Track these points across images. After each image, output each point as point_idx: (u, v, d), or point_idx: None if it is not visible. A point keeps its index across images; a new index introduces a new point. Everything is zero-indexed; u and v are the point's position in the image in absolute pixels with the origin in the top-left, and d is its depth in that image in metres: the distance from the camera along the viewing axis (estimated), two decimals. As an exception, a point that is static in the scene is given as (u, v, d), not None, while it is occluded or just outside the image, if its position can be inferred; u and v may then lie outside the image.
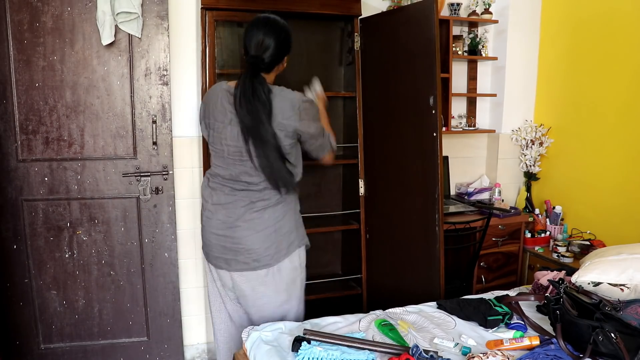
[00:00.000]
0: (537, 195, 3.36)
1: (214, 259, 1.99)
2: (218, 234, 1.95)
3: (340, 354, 1.56)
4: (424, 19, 2.26)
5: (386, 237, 2.66)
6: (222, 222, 1.93)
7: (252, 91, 1.79)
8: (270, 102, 1.81)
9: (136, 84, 2.51)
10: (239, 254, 1.92)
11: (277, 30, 1.85)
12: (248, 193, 1.91)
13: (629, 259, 1.91)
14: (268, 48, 1.82)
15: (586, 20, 2.96)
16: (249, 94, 1.79)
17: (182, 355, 2.79)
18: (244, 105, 1.79)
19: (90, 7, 2.39)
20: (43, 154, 2.47)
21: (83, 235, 2.56)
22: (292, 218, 1.98)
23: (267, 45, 1.82)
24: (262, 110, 1.79)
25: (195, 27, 2.62)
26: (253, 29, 1.85)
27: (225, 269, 1.97)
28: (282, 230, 1.93)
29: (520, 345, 1.67)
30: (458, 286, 2.84)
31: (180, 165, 2.71)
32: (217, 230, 1.95)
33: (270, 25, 1.85)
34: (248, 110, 1.79)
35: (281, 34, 1.86)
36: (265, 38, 1.82)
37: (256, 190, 1.90)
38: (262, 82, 1.83)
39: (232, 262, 1.94)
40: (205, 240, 2.02)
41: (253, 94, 1.78)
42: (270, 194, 1.91)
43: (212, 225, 1.96)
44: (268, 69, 1.88)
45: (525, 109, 3.36)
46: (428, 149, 2.29)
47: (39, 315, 2.57)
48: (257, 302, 1.98)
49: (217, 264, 1.99)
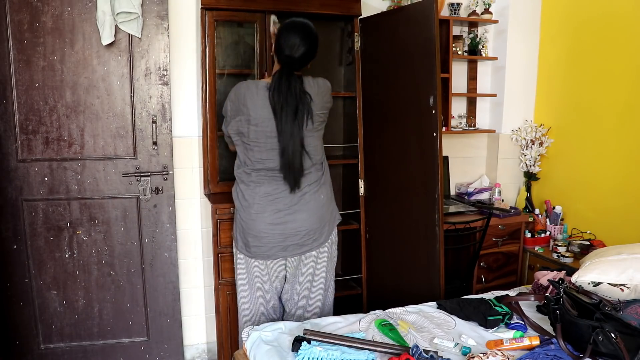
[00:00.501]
0: (537, 195, 3.36)
1: (269, 250, 2.06)
2: (275, 222, 2.03)
3: (340, 354, 1.56)
4: (424, 19, 2.26)
5: (386, 237, 2.66)
6: (279, 210, 2.03)
7: (287, 86, 1.94)
8: (304, 95, 1.97)
9: (136, 84, 2.51)
10: (300, 238, 2.05)
11: (312, 36, 2.02)
12: (302, 178, 2.03)
13: (629, 259, 1.91)
14: (301, 50, 1.98)
15: (586, 20, 2.96)
16: (285, 89, 1.93)
17: (182, 355, 2.79)
18: (281, 99, 1.94)
19: (90, 7, 2.39)
20: (43, 154, 2.47)
21: (83, 235, 2.56)
22: (333, 195, 2.19)
23: (301, 48, 1.97)
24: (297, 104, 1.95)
25: (195, 27, 2.62)
26: (290, 32, 1.99)
27: (283, 256, 2.07)
28: (329, 208, 2.14)
29: (520, 345, 1.67)
30: (458, 286, 2.84)
31: (180, 165, 2.71)
32: (274, 219, 2.03)
33: (307, 31, 2.01)
34: (283, 104, 1.94)
35: (315, 41, 2.03)
36: (301, 42, 1.98)
37: (308, 174, 2.04)
38: (296, 78, 1.97)
39: (290, 248, 2.06)
40: (258, 234, 2.05)
41: (288, 89, 1.94)
42: (317, 175, 2.07)
43: (267, 217, 2.03)
44: (298, 69, 2.03)
45: (525, 109, 3.36)
46: (428, 149, 2.29)
47: (39, 315, 2.57)
48: (311, 282, 2.14)
49: (273, 255, 2.07)
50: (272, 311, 2.18)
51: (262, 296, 2.14)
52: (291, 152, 1.96)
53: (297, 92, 1.94)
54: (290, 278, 2.13)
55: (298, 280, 2.14)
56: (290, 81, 1.94)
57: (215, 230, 2.43)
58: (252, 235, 2.05)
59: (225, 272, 2.46)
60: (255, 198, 2.03)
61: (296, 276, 2.13)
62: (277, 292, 2.16)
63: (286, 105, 1.93)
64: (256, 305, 2.15)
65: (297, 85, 1.95)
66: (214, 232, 2.44)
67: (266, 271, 2.10)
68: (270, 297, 2.15)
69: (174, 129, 2.64)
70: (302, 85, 1.98)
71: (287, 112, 1.93)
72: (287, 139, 1.95)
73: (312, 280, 2.14)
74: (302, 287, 2.15)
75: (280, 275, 2.12)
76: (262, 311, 2.16)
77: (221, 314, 2.50)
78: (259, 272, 2.10)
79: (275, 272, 2.11)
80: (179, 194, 2.71)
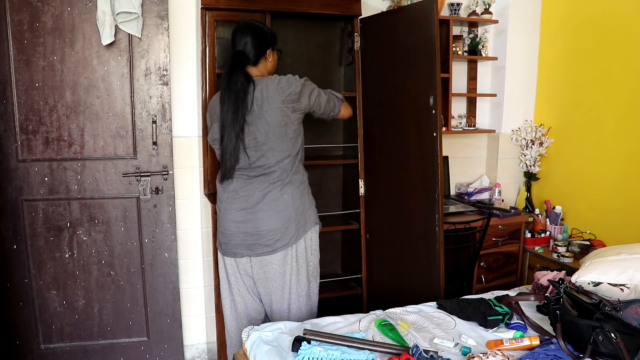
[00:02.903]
0: (537, 195, 3.36)
1: (234, 247, 2.09)
2: (237, 220, 2.06)
3: (340, 354, 1.56)
4: (424, 19, 2.26)
5: (386, 237, 2.66)
6: (242, 208, 2.06)
7: (228, 81, 2.00)
8: (245, 91, 1.99)
9: (136, 84, 2.51)
10: (261, 237, 2.04)
11: (252, 28, 2.09)
12: (265, 177, 2.04)
13: (629, 259, 1.91)
14: (243, 43, 2.06)
15: (586, 20, 2.96)
16: (225, 83, 2.00)
17: (182, 355, 2.79)
18: (224, 93, 2.00)
19: (90, 7, 2.39)
20: (43, 154, 2.47)
21: (83, 235, 2.56)
22: (307, 197, 2.15)
23: (242, 41, 2.07)
24: (237, 99, 1.98)
25: (195, 27, 2.62)
26: (236, 32, 2.10)
27: (247, 255, 2.08)
28: (299, 209, 2.09)
29: (520, 345, 1.67)
30: (458, 286, 2.84)
31: (180, 165, 2.71)
32: (237, 217, 2.06)
33: (247, 26, 2.10)
34: (225, 97, 2.00)
35: (256, 32, 2.09)
36: (242, 35, 2.07)
37: (271, 172, 2.03)
38: (241, 73, 2.01)
39: (254, 247, 2.06)
40: (224, 231, 2.11)
41: (228, 84, 1.99)
42: (282, 174, 2.04)
43: (231, 214, 2.07)
44: (250, 63, 2.07)
45: (525, 109, 3.36)
46: (428, 149, 2.29)
47: (39, 315, 2.57)
48: (281, 286, 2.10)
49: (239, 252, 2.08)
50: (252, 309, 2.19)
51: (238, 293, 2.16)
52: (226, 143, 1.99)
53: (238, 87, 1.97)
54: (259, 279, 2.11)
55: (268, 283, 2.11)
56: (231, 75, 1.99)
57: (215, 230, 2.43)
58: (221, 232, 2.14)
59: (225, 272, 2.46)
60: (223, 195, 2.11)
61: (264, 278, 2.11)
62: (251, 290, 2.16)
63: (227, 99, 1.98)
64: (235, 302, 2.18)
65: (239, 78, 1.98)
66: (213, 232, 2.44)
67: (237, 268, 2.13)
68: (247, 294, 2.16)
69: (174, 129, 2.64)
70: (246, 79, 2.00)
71: (228, 105, 1.98)
72: (224, 129, 1.99)
73: (282, 284, 2.10)
74: (272, 291, 2.12)
75: (250, 273, 2.12)
76: (241, 308, 2.18)
77: (221, 314, 2.50)
78: (232, 269, 2.14)
79: (244, 270, 2.12)
80: (179, 194, 2.71)
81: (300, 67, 2.81)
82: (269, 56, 2.13)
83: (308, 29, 2.83)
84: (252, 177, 2.06)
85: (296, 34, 2.83)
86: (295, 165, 2.09)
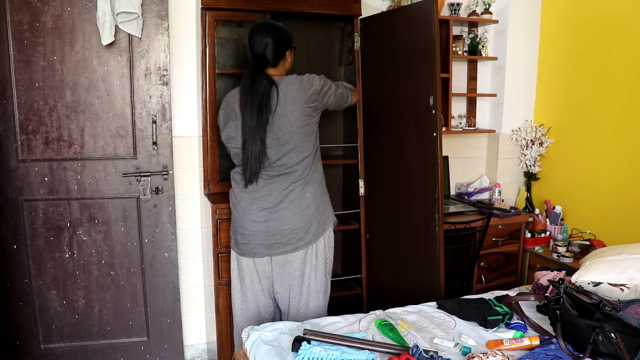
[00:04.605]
0: (537, 195, 3.36)
1: (254, 248, 2.08)
2: (259, 220, 2.06)
3: (340, 354, 1.56)
4: (424, 19, 2.26)
5: (386, 237, 2.65)
6: (263, 208, 2.06)
7: (251, 83, 1.98)
8: (269, 95, 1.97)
9: (136, 84, 2.51)
10: (283, 236, 2.05)
11: (273, 29, 2.07)
12: (286, 176, 2.04)
13: (629, 259, 1.91)
14: (264, 44, 2.04)
15: (586, 20, 2.96)
16: (249, 86, 1.98)
17: (182, 355, 2.79)
18: (245, 96, 1.98)
19: (90, 7, 2.39)
20: (43, 154, 2.47)
21: (83, 235, 2.56)
22: (326, 195, 2.18)
23: (264, 42, 2.05)
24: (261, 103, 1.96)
25: (195, 27, 2.62)
26: (253, 33, 2.07)
27: (268, 254, 2.08)
28: (320, 208, 2.11)
29: (520, 345, 1.67)
30: (458, 286, 2.84)
31: (180, 165, 2.71)
32: (258, 217, 2.06)
33: (268, 27, 2.08)
34: (247, 101, 1.98)
35: (278, 33, 2.07)
36: (263, 37, 2.05)
37: (292, 172, 2.04)
38: (263, 76, 2.00)
39: (275, 246, 2.06)
40: (244, 231, 2.09)
41: (251, 87, 1.97)
42: (303, 173, 2.05)
43: (252, 214, 2.06)
44: (270, 65, 2.06)
45: (525, 109, 3.36)
46: (428, 149, 2.29)
47: (39, 315, 2.57)
48: (300, 283, 2.11)
49: (259, 252, 2.08)
50: (263, 310, 2.19)
51: (252, 293, 2.16)
52: (250, 148, 1.97)
53: (262, 91, 1.96)
54: (278, 277, 2.12)
55: (286, 280, 2.13)
56: (254, 78, 1.97)
57: (215, 230, 2.43)
58: (240, 232, 2.11)
59: (225, 272, 2.46)
60: (242, 195, 2.09)
61: (283, 276, 2.12)
62: (267, 291, 2.16)
63: (250, 102, 1.96)
64: (247, 302, 2.18)
65: (262, 82, 1.97)
66: (213, 232, 2.44)
67: (254, 269, 2.12)
68: (261, 294, 2.16)
69: (174, 129, 2.64)
70: (269, 83, 1.98)
71: (252, 109, 1.95)
72: (247, 134, 1.97)
73: (301, 281, 2.12)
74: (291, 288, 2.13)
75: (268, 274, 2.13)
76: (252, 308, 2.18)
77: (221, 314, 2.50)
78: (248, 270, 2.13)
79: (262, 270, 2.12)
80: (179, 194, 2.71)
81: (300, 67, 2.80)
82: (288, 57, 2.14)
83: (308, 29, 2.83)
84: (272, 176, 2.05)
85: (296, 34, 2.79)
86: (314, 164, 2.11)
